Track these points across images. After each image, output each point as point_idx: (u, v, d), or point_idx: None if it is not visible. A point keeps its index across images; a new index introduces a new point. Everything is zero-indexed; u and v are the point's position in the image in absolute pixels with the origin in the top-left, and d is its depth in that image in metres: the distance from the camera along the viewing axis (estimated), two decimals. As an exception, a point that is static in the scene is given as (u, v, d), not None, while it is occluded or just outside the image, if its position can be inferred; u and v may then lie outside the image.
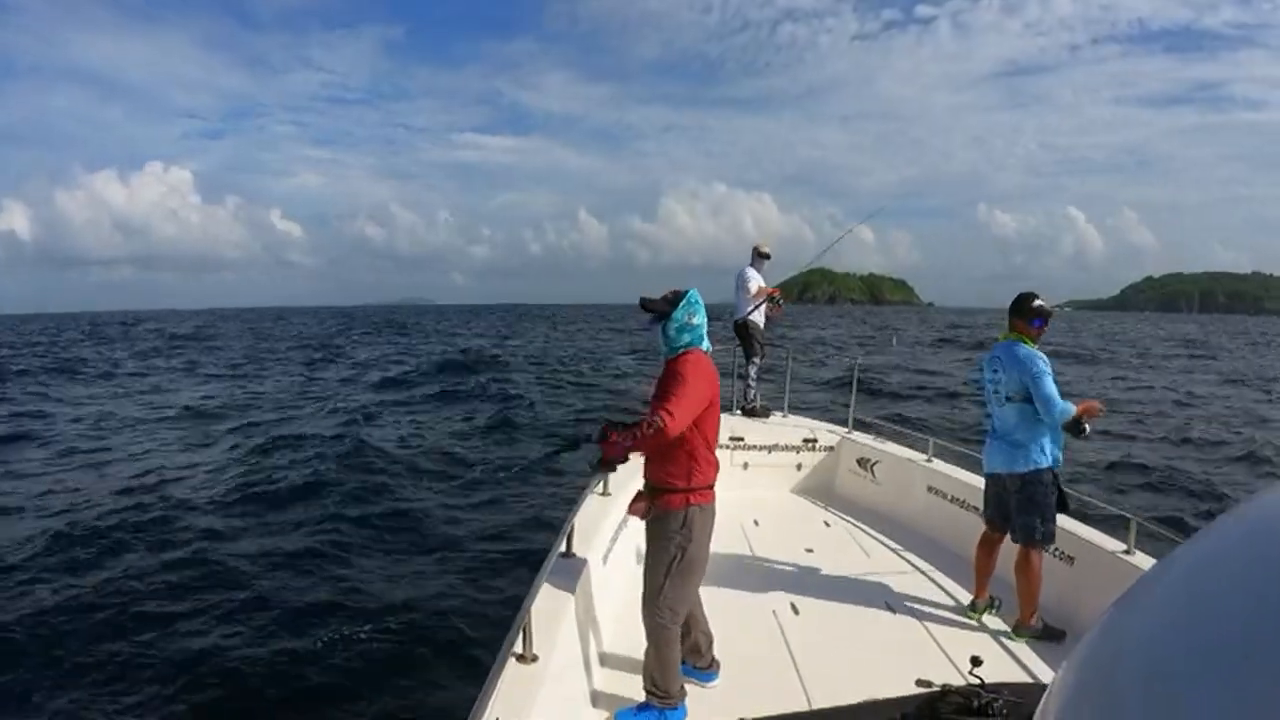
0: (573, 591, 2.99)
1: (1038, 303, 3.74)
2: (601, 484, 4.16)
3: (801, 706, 2.96)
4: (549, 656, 2.48)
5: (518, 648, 2.42)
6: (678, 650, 2.84)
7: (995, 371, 3.79)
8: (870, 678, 3.13)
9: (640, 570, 2.97)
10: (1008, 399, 3.72)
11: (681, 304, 2.91)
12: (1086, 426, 3.68)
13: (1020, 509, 3.71)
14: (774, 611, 3.83)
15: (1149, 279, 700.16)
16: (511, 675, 2.30)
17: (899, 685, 2.94)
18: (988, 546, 3.98)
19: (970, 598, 4.02)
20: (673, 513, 2.83)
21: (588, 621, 3.14)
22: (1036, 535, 3.65)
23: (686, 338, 2.89)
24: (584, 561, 3.29)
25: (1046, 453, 3.68)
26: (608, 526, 3.91)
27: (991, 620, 3.87)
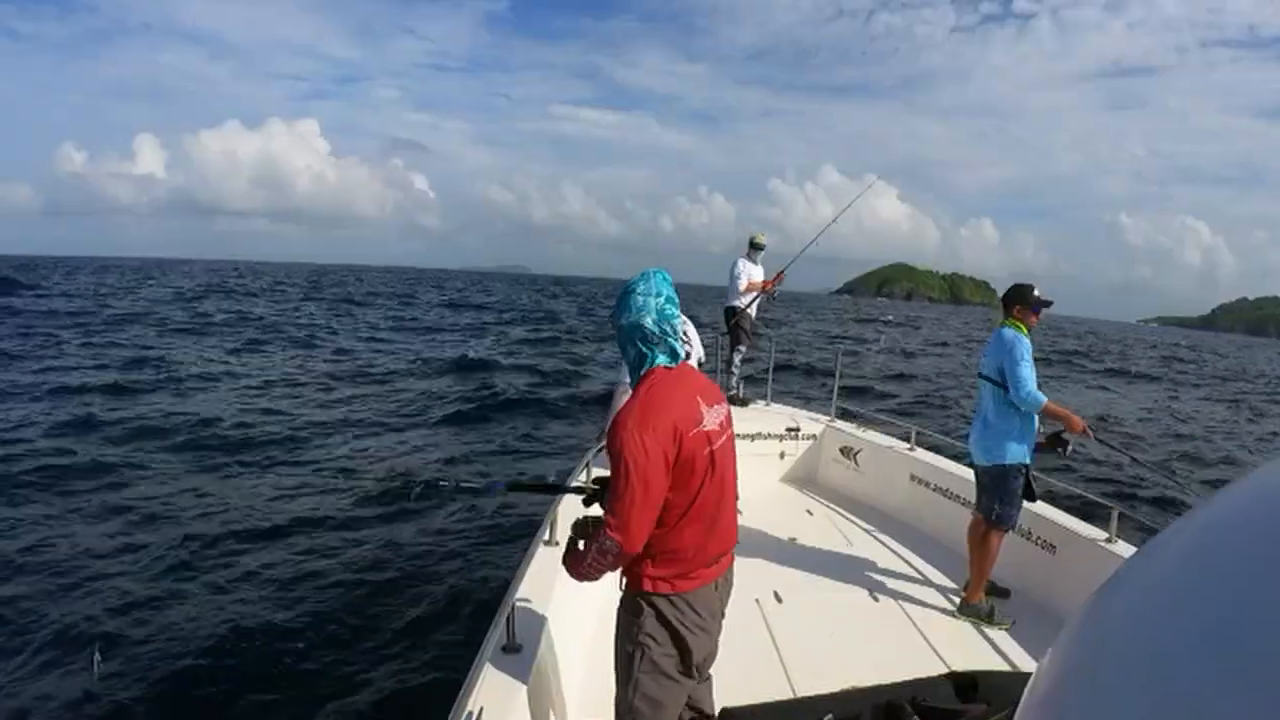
0: (556, 581, 2.96)
1: (1036, 294, 3.82)
2: (585, 473, 4.13)
3: (785, 695, 2.96)
4: (533, 646, 2.45)
5: (501, 638, 2.39)
6: None
7: (984, 361, 3.88)
8: (853, 665, 3.14)
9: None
10: (988, 390, 3.81)
11: (621, 300, 2.04)
12: (1069, 442, 3.74)
13: (984, 490, 3.85)
14: (757, 600, 3.83)
15: (1242, 300, 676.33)
16: (495, 665, 2.27)
17: (882, 673, 2.95)
18: (975, 531, 4.01)
19: (955, 584, 4.08)
20: (630, 596, 2.06)
21: (572, 611, 3.11)
22: (991, 516, 3.75)
23: (633, 351, 2.03)
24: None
25: (1014, 448, 3.73)
26: (592, 515, 3.88)
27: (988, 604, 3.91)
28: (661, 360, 2.02)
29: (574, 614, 3.14)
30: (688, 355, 3.84)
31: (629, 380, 2.10)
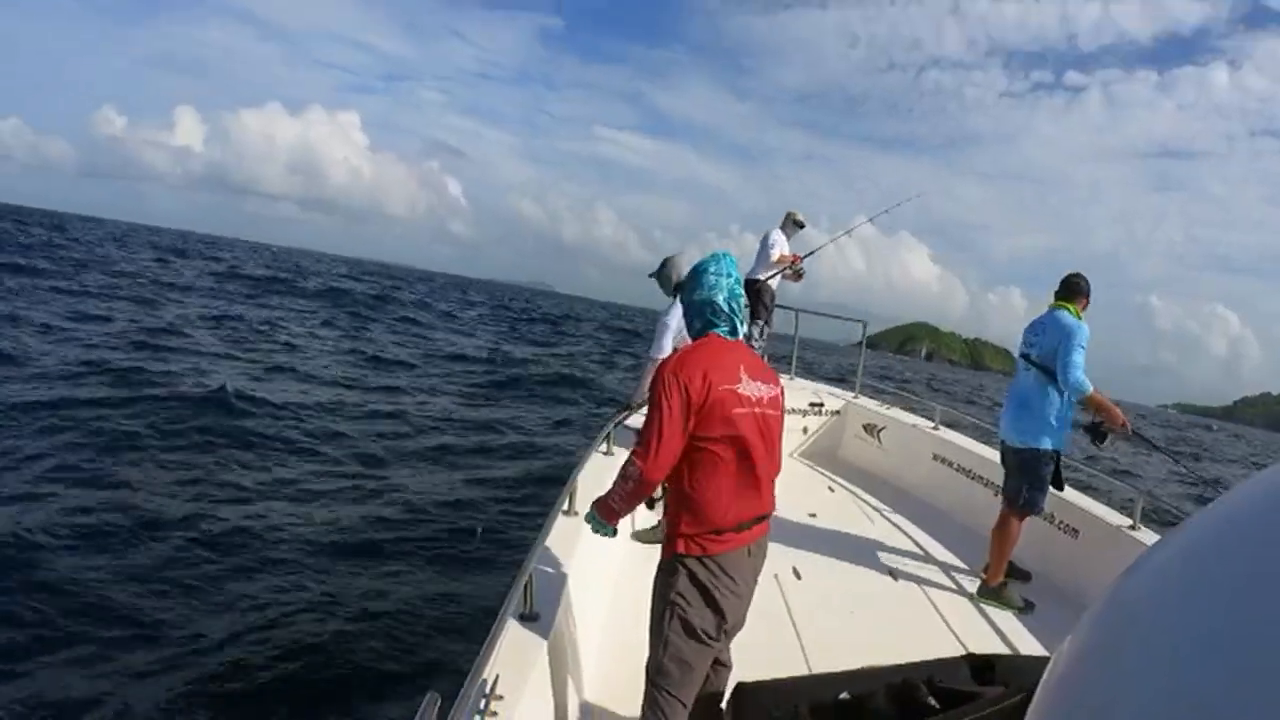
0: (574, 550, 2.98)
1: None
2: (605, 443, 4.14)
3: (800, 670, 2.97)
4: (550, 614, 2.48)
5: (519, 605, 2.42)
6: None
7: (1036, 335, 3.77)
8: (870, 644, 3.14)
9: (641, 524, 2.77)
10: (1034, 363, 3.72)
11: (695, 277, 2.25)
12: (1107, 434, 3.67)
13: (1011, 473, 3.78)
14: (775, 575, 3.83)
15: (1266, 394, 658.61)
16: (512, 633, 2.29)
17: (899, 652, 2.94)
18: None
19: (975, 566, 4.05)
20: (666, 560, 2.17)
21: (589, 579, 3.14)
22: (1019, 500, 3.69)
23: (699, 324, 2.24)
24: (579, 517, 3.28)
25: (1050, 433, 3.66)
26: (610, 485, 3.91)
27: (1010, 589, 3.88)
28: (721, 332, 2.20)
29: (592, 583, 3.17)
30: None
31: (663, 352, 2.19)
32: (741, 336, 2.29)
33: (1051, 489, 3.73)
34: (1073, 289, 3.77)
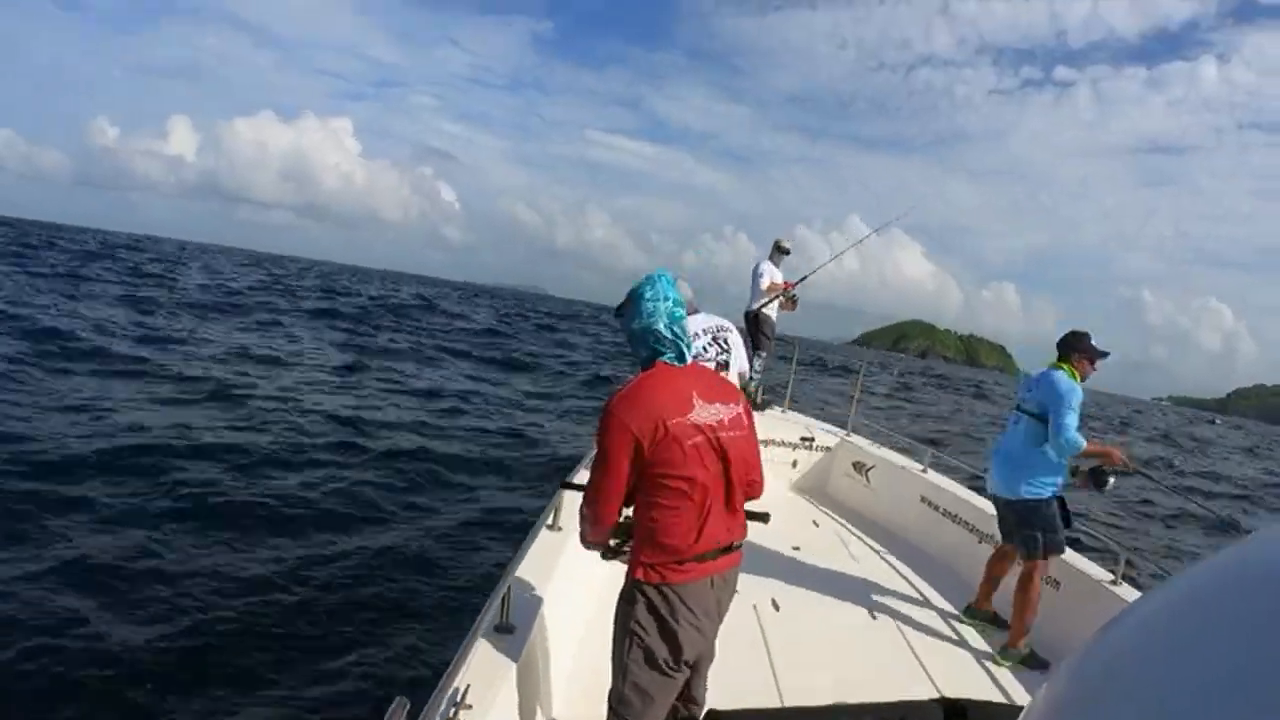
0: (556, 565, 2.98)
1: (1094, 341, 3.73)
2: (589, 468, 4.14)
3: (773, 703, 2.96)
4: (526, 628, 2.47)
5: (495, 617, 2.41)
6: None
7: (1030, 390, 3.76)
8: (845, 681, 3.12)
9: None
10: (1026, 414, 3.71)
11: (632, 305, 2.13)
12: (1110, 479, 3.64)
13: (1020, 525, 3.72)
14: (754, 606, 3.82)
15: (1259, 386, 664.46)
16: (487, 644, 2.29)
17: (873, 691, 2.93)
18: (999, 557, 4.00)
19: (956, 609, 4.04)
20: (627, 586, 2.10)
21: (569, 596, 3.13)
22: (1038, 548, 3.63)
23: (645, 352, 2.12)
24: (570, 534, 3.27)
25: (1047, 482, 3.65)
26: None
27: (983, 636, 3.87)
28: (668, 359, 2.09)
29: (571, 599, 3.16)
30: (726, 366, 3.83)
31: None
32: (716, 363, 2.24)
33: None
34: (1068, 348, 3.74)
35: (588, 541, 2.18)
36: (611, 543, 2.17)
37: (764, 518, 2.45)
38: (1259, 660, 0.52)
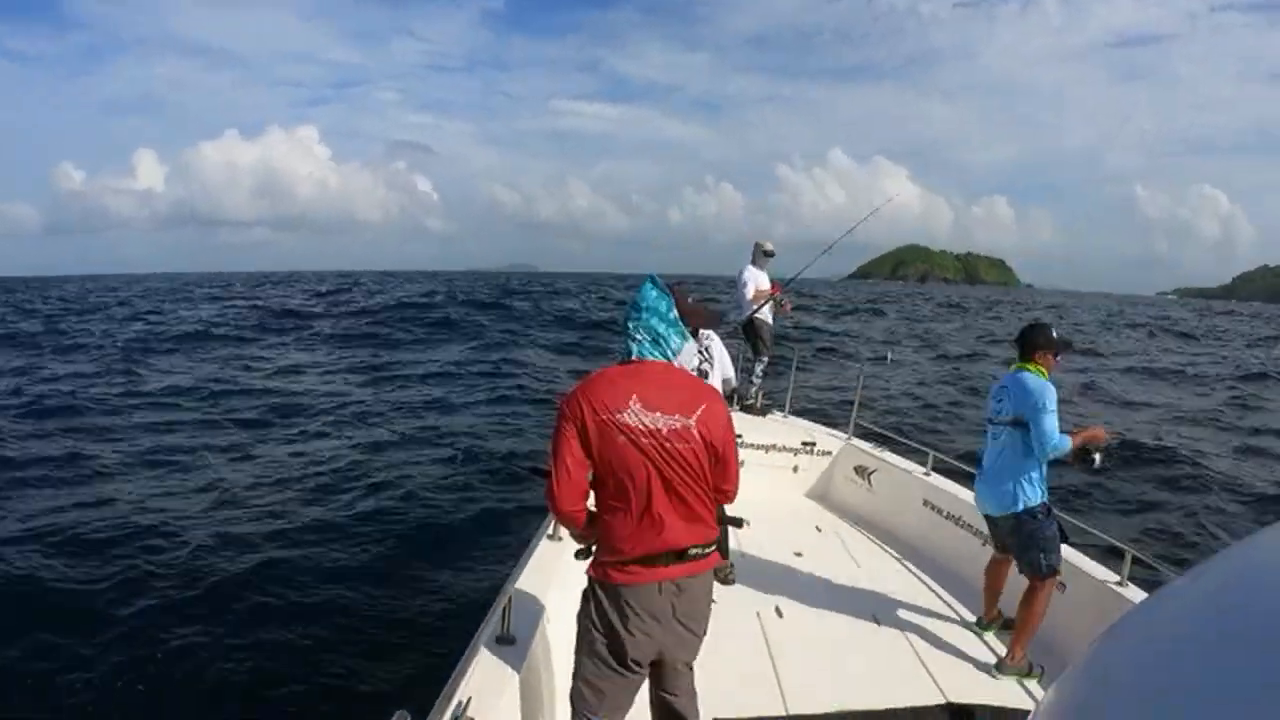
0: (555, 575, 2.96)
1: (1057, 334, 3.59)
2: None
3: (777, 710, 2.94)
4: (527, 638, 2.46)
5: (496, 628, 2.40)
6: None
7: (1000, 401, 3.63)
8: (849, 687, 3.10)
9: None
10: (1003, 424, 3.57)
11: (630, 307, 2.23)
12: (1096, 457, 3.56)
13: (1021, 547, 3.57)
14: (758, 613, 3.80)
15: (1263, 268, 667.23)
16: (487, 655, 2.27)
17: (878, 697, 2.91)
18: (995, 566, 3.92)
19: (959, 613, 4.02)
20: (587, 581, 2.21)
21: (570, 606, 3.11)
22: (1042, 569, 3.52)
23: (632, 347, 2.17)
24: (570, 544, 3.26)
25: (1035, 486, 3.54)
26: None
27: (986, 641, 3.83)
28: (634, 354, 2.14)
29: (572, 609, 3.14)
30: (705, 375, 3.82)
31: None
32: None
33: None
34: (1029, 345, 3.57)
35: (564, 526, 2.25)
36: (592, 546, 2.21)
37: (738, 522, 2.43)
38: (1263, 663, 0.52)
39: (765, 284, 6.75)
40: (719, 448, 2.10)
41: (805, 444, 6.19)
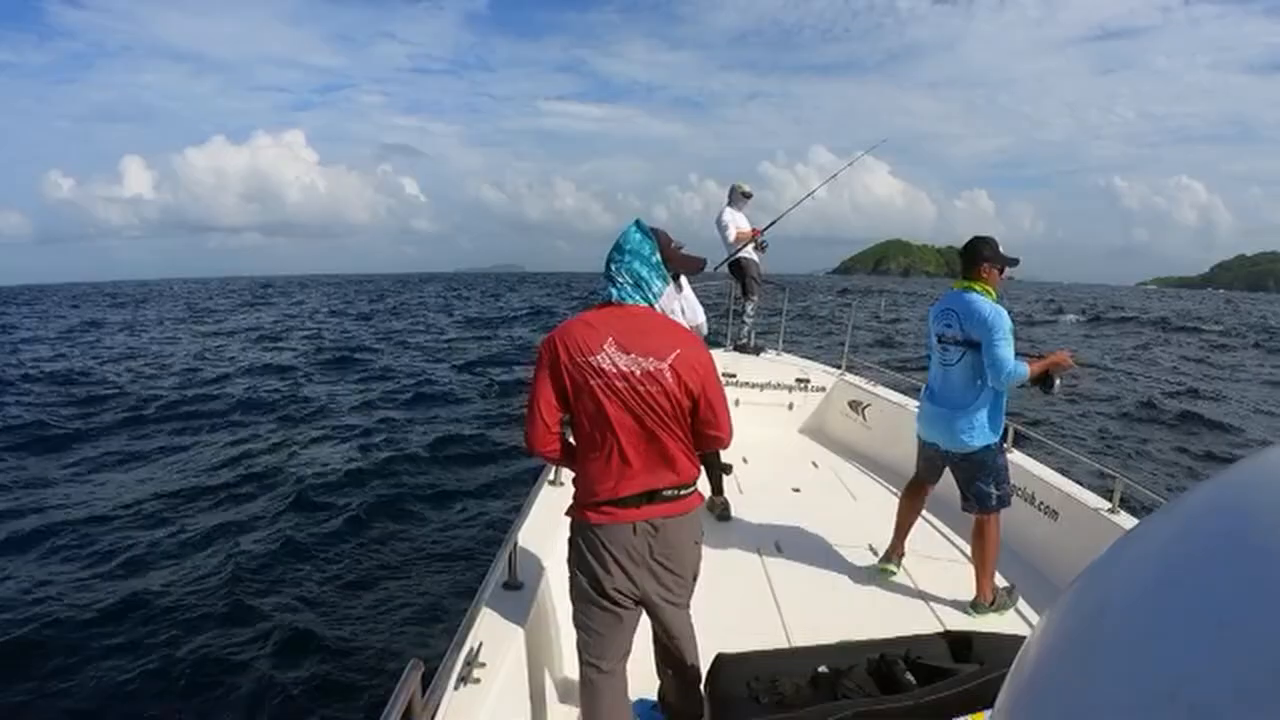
0: (559, 520, 2.98)
1: (1001, 248, 3.29)
2: None
3: (780, 643, 3.01)
4: (534, 584, 2.49)
5: (502, 575, 2.42)
6: (602, 709, 2.17)
7: (948, 325, 3.29)
8: (850, 619, 3.18)
9: None
10: (958, 359, 3.27)
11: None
12: (1056, 381, 3.30)
13: (969, 479, 3.36)
14: (758, 549, 3.86)
15: (1240, 257, 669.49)
16: (495, 602, 2.30)
17: (878, 628, 2.98)
18: (915, 494, 3.74)
19: (957, 544, 4.09)
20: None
21: None
22: (992, 502, 3.33)
23: (613, 290, 2.13)
24: (570, 491, 3.28)
25: (994, 425, 3.28)
26: None
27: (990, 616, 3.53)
28: (614, 298, 2.10)
29: None
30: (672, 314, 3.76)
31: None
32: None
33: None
34: (975, 257, 3.26)
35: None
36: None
37: (727, 469, 2.40)
38: (1248, 592, 0.52)
39: (745, 225, 6.63)
40: (696, 392, 2.05)
41: (799, 380, 6.21)
